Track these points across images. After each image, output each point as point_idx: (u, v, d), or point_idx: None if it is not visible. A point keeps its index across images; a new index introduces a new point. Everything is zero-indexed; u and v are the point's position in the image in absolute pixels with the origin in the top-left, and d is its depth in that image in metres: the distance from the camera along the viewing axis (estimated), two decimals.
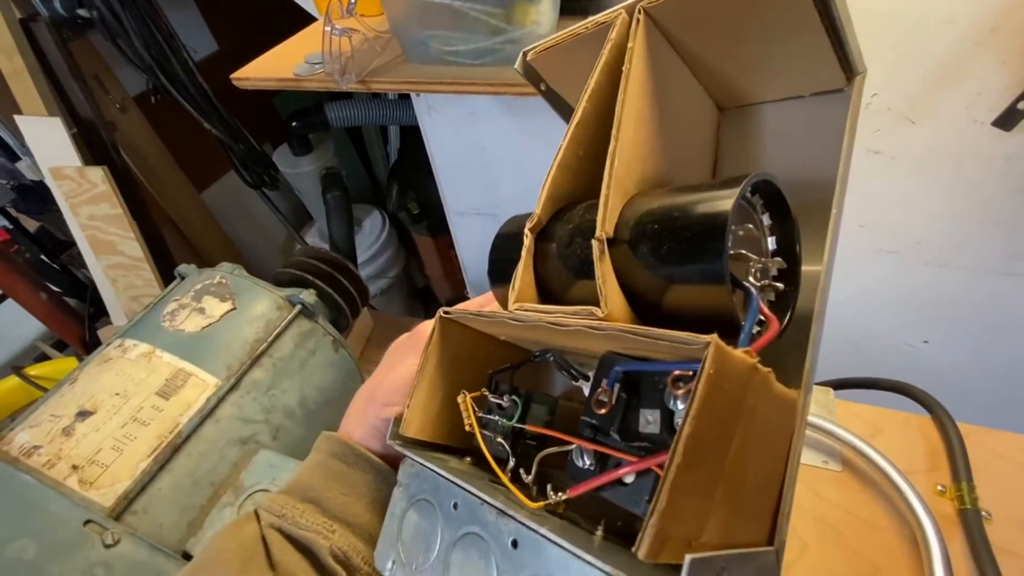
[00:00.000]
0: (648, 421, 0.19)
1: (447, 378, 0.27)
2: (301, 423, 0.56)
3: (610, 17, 0.23)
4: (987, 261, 0.78)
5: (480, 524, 0.22)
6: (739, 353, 0.16)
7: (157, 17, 0.98)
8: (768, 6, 0.20)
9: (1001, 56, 0.60)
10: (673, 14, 0.23)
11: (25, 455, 0.43)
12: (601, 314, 0.20)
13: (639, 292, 0.21)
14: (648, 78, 0.23)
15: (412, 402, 0.26)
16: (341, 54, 0.51)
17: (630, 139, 0.22)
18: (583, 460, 0.20)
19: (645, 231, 0.21)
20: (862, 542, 0.53)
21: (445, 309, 0.26)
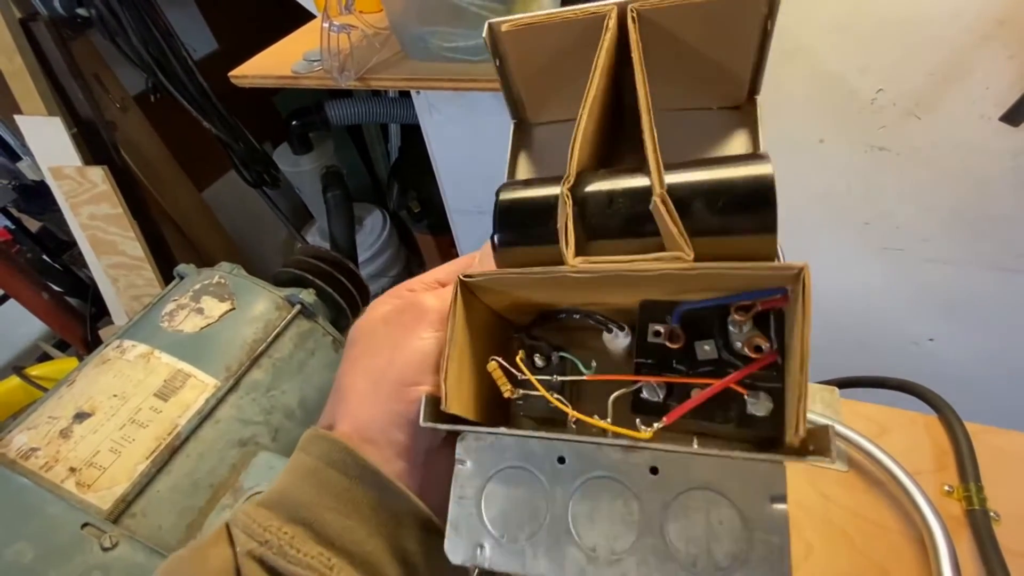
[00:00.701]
0: (705, 350, 0.23)
1: (471, 350, 0.26)
2: (301, 424, 0.55)
3: (602, 9, 0.25)
4: (994, 258, 0.77)
5: (603, 467, 0.22)
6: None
7: (156, 16, 0.97)
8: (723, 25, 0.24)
9: (1009, 50, 0.59)
10: (661, 17, 0.25)
11: (23, 457, 0.43)
12: (690, 256, 0.21)
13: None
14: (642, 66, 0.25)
15: (448, 375, 0.23)
16: (340, 51, 0.50)
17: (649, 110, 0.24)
18: (655, 394, 0.23)
19: (697, 190, 0.23)
20: (869, 543, 0.52)
21: (465, 274, 0.25)
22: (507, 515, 0.23)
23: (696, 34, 0.26)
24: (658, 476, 0.21)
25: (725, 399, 0.22)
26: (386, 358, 0.26)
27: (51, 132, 1.03)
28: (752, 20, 0.23)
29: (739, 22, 0.24)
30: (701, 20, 0.25)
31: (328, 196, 1.30)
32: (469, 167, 0.96)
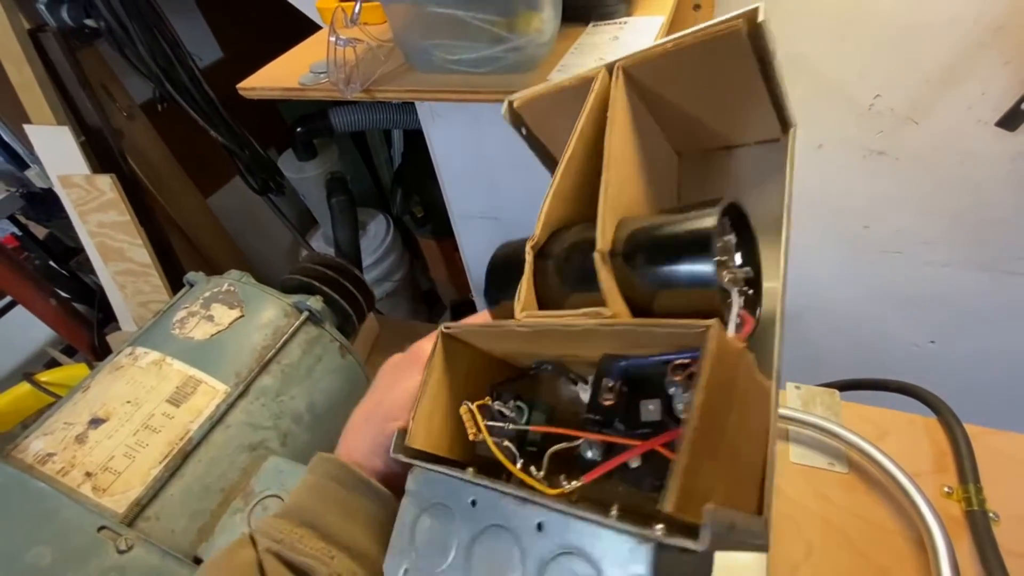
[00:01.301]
0: (649, 410, 0.22)
1: (449, 392, 0.29)
2: (309, 428, 0.56)
3: (592, 73, 0.27)
4: (993, 260, 0.77)
5: (502, 516, 0.23)
6: (731, 338, 0.19)
7: (163, 26, 0.99)
8: (720, 71, 0.24)
9: (1005, 56, 0.60)
10: (644, 73, 0.26)
11: (40, 462, 0.44)
12: (609, 313, 0.22)
13: (634, 299, 0.25)
14: (628, 123, 0.27)
15: (416, 414, 0.27)
16: (345, 63, 0.51)
17: (619, 169, 0.25)
18: (591, 452, 0.23)
19: (640, 244, 0.24)
20: (868, 544, 0.53)
21: (447, 325, 0.28)
22: (428, 545, 0.25)
23: (697, 79, 0.26)
24: (542, 533, 0.22)
25: (659, 466, 0.21)
26: (379, 397, 0.32)
27: (60, 141, 1.04)
28: (742, 60, 0.23)
29: (731, 63, 0.24)
30: (692, 66, 0.25)
31: (332, 202, 1.31)
32: (472, 173, 0.98)
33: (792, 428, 0.62)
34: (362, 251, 1.41)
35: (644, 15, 0.53)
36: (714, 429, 0.18)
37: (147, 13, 0.95)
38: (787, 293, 0.23)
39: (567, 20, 0.52)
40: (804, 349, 1.00)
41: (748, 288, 0.25)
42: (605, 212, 0.24)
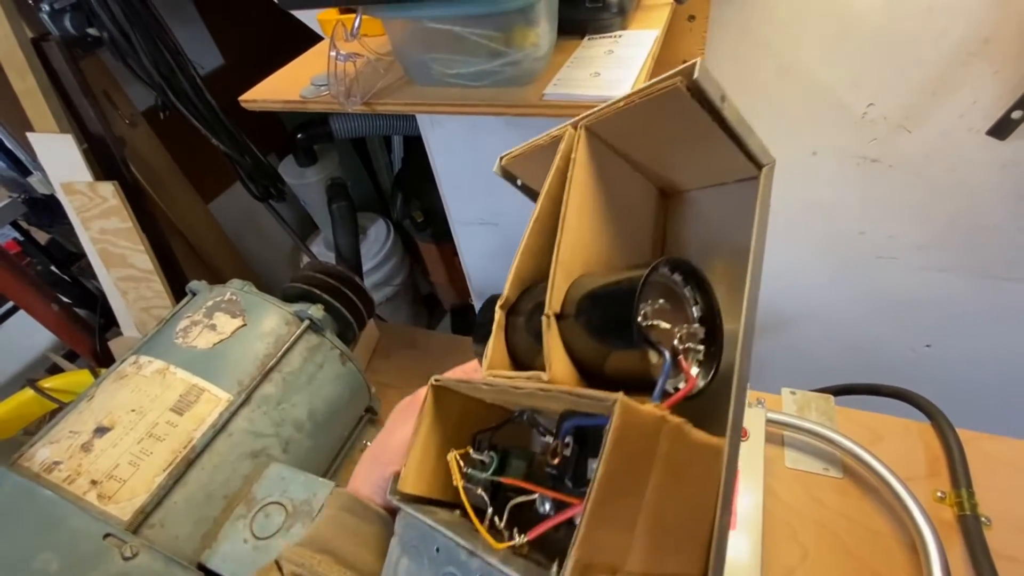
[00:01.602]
0: (593, 469, 0.22)
1: (441, 438, 0.31)
2: (310, 435, 0.57)
3: (561, 131, 0.29)
4: (986, 266, 0.78)
5: (455, 564, 0.25)
6: (648, 407, 0.20)
7: (164, 34, 0.99)
8: (676, 123, 0.25)
9: (994, 66, 0.61)
10: (607, 129, 0.28)
11: (46, 471, 0.45)
12: (546, 378, 0.23)
13: (584, 359, 0.26)
14: (589, 179, 0.28)
15: (408, 461, 0.30)
16: (346, 76, 0.52)
17: (573, 230, 0.27)
18: (544, 507, 0.24)
19: (583, 307, 0.25)
20: (862, 548, 0.54)
21: (436, 377, 0.30)
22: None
23: (657, 130, 0.27)
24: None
25: None
26: (384, 440, 0.37)
27: (62, 149, 1.05)
28: (693, 112, 0.23)
29: (683, 116, 0.24)
30: (649, 120, 0.26)
31: (333, 207, 1.32)
32: (471, 180, 0.98)
33: (787, 433, 0.63)
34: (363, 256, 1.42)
35: (639, 29, 0.53)
36: (624, 501, 0.19)
37: (149, 22, 0.96)
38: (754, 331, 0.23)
39: (563, 34, 0.53)
40: (799, 354, 1.01)
41: (701, 345, 0.25)
42: (556, 275, 0.25)
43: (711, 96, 0.22)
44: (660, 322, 0.24)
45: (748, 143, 0.24)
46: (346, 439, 0.66)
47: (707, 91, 0.22)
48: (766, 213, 0.24)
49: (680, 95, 0.22)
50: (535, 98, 0.47)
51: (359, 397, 0.66)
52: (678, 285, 0.26)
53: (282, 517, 0.48)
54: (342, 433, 0.65)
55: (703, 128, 0.23)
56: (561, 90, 0.47)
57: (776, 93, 0.71)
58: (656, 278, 0.25)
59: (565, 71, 0.49)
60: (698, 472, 0.21)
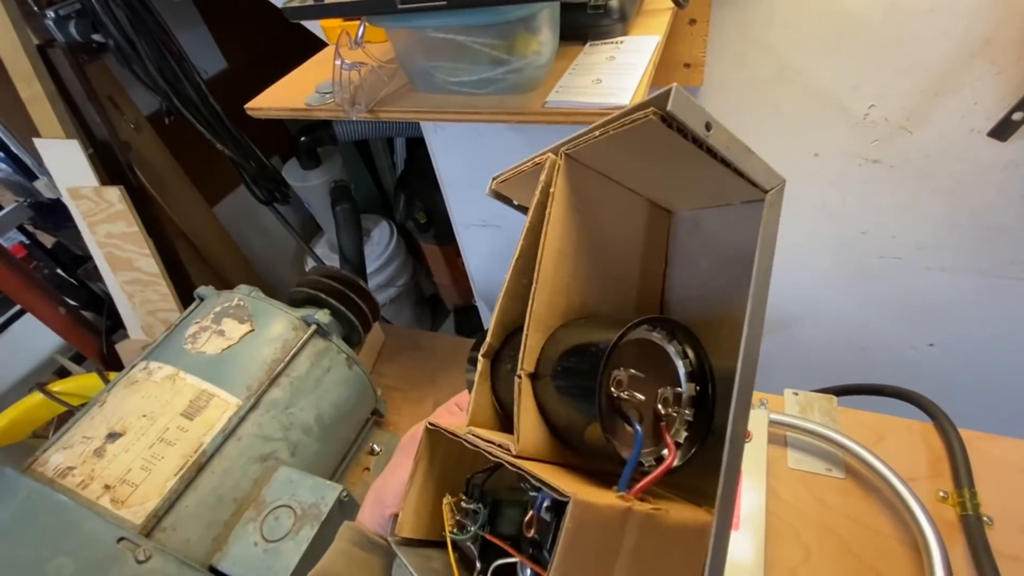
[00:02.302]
0: None
1: (438, 479, 0.31)
2: (318, 439, 0.58)
3: (543, 158, 0.26)
4: (989, 265, 0.78)
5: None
6: (610, 498, 0.19)
7: (168, 40, 1.00)
8: (660, 151, 0.22)
9: (996, 67, 0.61)
10: (589, 155, 0.25)
11: (60, 476, 0.46)
12: (514, 450, 0.23)
13: (560, 424, 0.25)
14: (571, 211, 0.26)
15: (405, 506, 0.30)
16: (350, 84, 0.53)
17: (549, 278, 0.25)
18: (525, 574, 0.24)
19: (558, 368, 0.24)
20: (865, 548, 0.54)
21: (430, 422, 0.29)
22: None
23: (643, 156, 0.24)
24: None
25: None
26: (386, 481, 0.38)
27: (69, 154, 1.06)
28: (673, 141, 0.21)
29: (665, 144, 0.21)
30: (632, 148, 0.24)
31: (337, 210, 1.33)
32: (474, 182, 0.99)
33: (790, 434, 0.63)
34: (366, 257, 1.43)
35: (640, 34, 0.54)
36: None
37: (153, 28, 0.97)
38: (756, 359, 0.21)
39: (565, 40, 0.53)
40: (801, 354, 1.01)
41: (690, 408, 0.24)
42: (529, 331, 0.24)
43: (692, 126, 0.19)
44: (634, 393, 0.22)
45: (745, 170, 0.21)
46: (353, 442, 0.67)
47: (686, 122, 0.19)
48: (771, 246, 0.21)
49: (655, 127, 0.20)
50: (537, 106, 0.47)
51: (365, 400, 0.66)
52: (661, 341, 0.24)
53: (291, 520, 0.48)
54: (349, 436, 0.65)
55: (692, 154, 0.21)
56: (563, 97, 0.47)
57: (778, 95, 0.72)
58: (633, 336, 0.22)
59: (567, 78, 0.50)
60: (678, 556, 0.20)
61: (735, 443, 0.19)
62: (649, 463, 0.22)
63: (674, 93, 0.19)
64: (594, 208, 0.27)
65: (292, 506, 0.49)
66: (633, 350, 0.22)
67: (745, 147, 0.21)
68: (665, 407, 0.23)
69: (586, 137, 0.24)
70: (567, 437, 0.25)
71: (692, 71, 0.70)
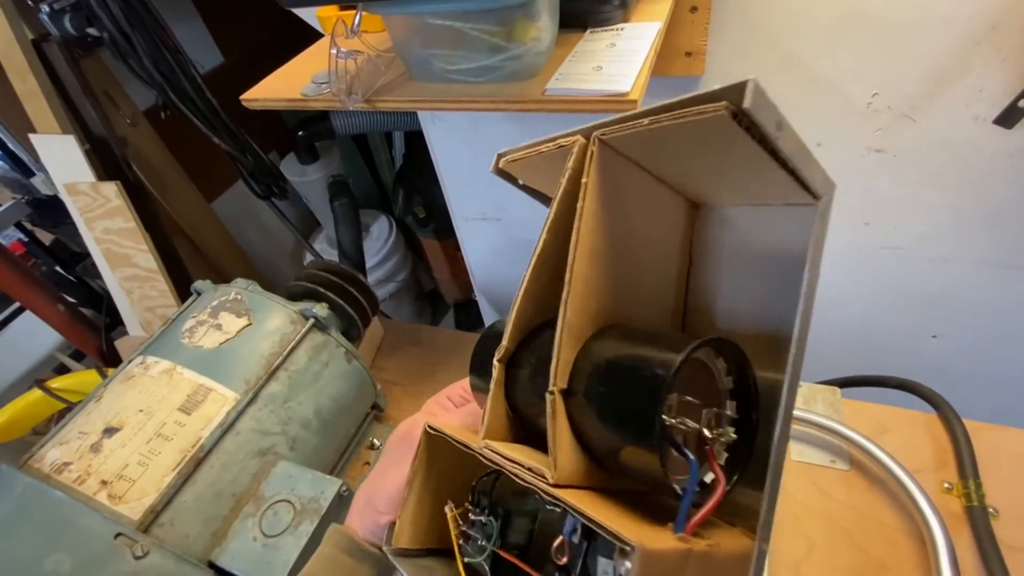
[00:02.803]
0: (604, 572, 0.20)
1: (437, 484, 0.29)
2: (317, 433, 0.57)
3: (569, 141, 0.24)
4: (993, 255, 0.78)
5: None
6: (671, 541, 0.18)
7: (164, 34, 0.99)
8: (715, 145, 0.21)
9: (1002, 54, 0.60)
10: (626, 143, 0.23)
11: (56, 472, 0.45)
12: (551, 479, 0.20)
13: (594, 445, 0.22)
14: (602, 206, 0.23)
15: (403, 514, 0.28)
16: (347, 74, 0.52)
17: (583, 280, 0.22)
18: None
19: (595, 385, 0.22)
20: (869, 540, 0.54)
21: (430, 425, 0.27)
22: None
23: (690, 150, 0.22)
24: None
25: None
26: (378, 485, 0.35)
27: (65, 150, 1.05)
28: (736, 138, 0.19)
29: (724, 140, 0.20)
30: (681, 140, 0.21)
31: (335, 205, 1.32)
32: (473, 175, 0.98)
33: (794, 426, 0.62)
34: (365, 253, 1.42)
35: (641, 21, 0.53)
36: None
37: (148, 22, 0.96)
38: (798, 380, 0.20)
39: (564, 27, 0.52)
40: None
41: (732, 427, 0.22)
42: (562, 342, 0.21)
43: (764, 126, 0.18)
44: (687, 421, 0.20)
45: (804, 174, 0.19)
46: (352, 436, 0.67)
47: (760, 120, 0.18)
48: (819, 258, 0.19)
49: (725, 123, 0.18)
50: (537, 93, 0.47)
51: (364, 394, 0.66)
52: (708, 359, 0.22)
53: (290, 515, 0.48)
54: (348, 430, 0.65)
55: (749, 154, 0.19)
56: (563, 85, 0.47)
57: (780, 84, 0.71)
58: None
59: (567, 65, 0.49)
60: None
61: (776, 470, 0.18)
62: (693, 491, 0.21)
63: (752, 87, 0.17)
64: (622, 200, 0.24)
65: (291, 501, 0.49)
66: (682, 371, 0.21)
67: (808, 151, 0.19)
68: (710, 429, 0.21)
69: (630, 124, 0.21)
70: (602, 459, 0.23)
71: (693, 59, 0.69)
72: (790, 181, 0.20)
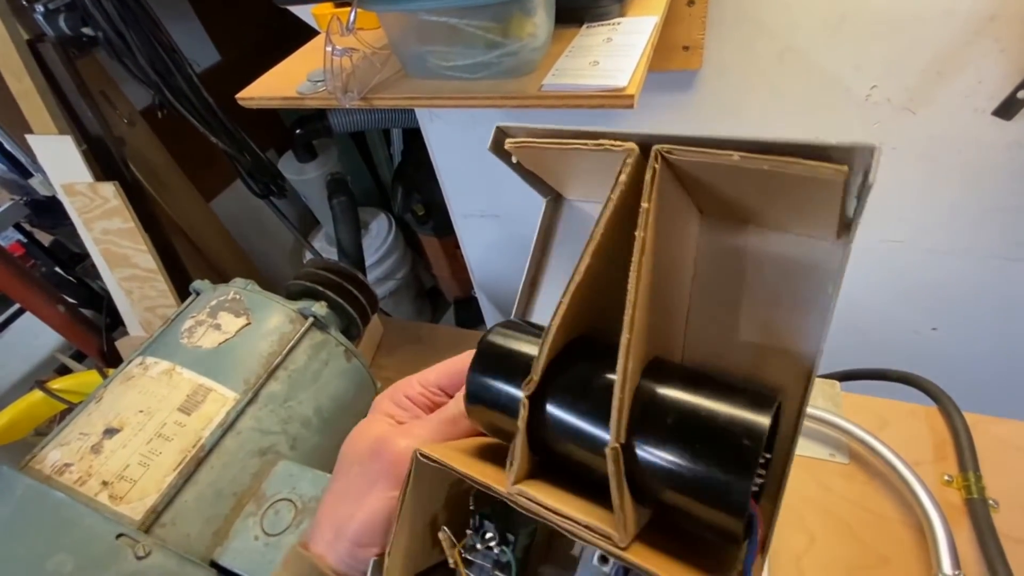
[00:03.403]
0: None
1: (428, 508, 0.26)
2: (317, 432, 0.57)
3: (619, 147, 0.21)
4: (994, 247, 0.78)
5: None
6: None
7: (160, 33, 0.99)
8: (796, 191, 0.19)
9: (1000, 44, 0.60)
10: (700, 169, 0.20)
11: (57, 473, 0.45)
12: (621, 543, 0.19)
13: (648, 499, 0.21)
14: (657, 235, 0.20)
15: (393, 550, 0.25)
16: (342, 72, 0.52)
17: (642, 325, 0.20)
18: None
19: (658, 444, 0.20)
20: (870, 533, 0.54)
21: (422, 453, 0.23)
22: None
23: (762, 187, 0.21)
24: None
25: None
26: (349, 510, 0.29)
27: (62, 150, 1.05)
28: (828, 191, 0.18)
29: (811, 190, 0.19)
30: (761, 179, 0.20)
31: (334, 203, 1.32)
32: (471, 172, 0.98)
33: None
34: (365, 251, 1.42)
35: (638, 15, 0.53)
36: None
37: (144, 21, 0.96)
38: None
39: (561, 22, 0.52)
40: None
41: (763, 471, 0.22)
42: (625, 393, 0.19)
43: (864, 191, 0.18)
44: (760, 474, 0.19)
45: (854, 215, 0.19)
46: None
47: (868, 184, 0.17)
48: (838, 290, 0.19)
49: (835, 185, 0.17)
50: (534, 89, 0.46)
51: (365, 393, 0.66)
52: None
53: (292, 514, 0.48)
54: (348, 429, 0.65)
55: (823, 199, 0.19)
56: (560, 80, 0.46)
57: (778, 78, 0.70)
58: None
59: (564, 61, 0.49)
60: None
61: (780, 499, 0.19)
62: None
63: (878, 156, 0.16)
64: (668, 228, 0.22)
65: (292, 499, 0.49)
66: None
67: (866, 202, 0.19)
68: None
69: (712, 152, 0.19)
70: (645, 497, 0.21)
71: (691, 53, 0.69)
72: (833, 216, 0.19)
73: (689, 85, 0.74)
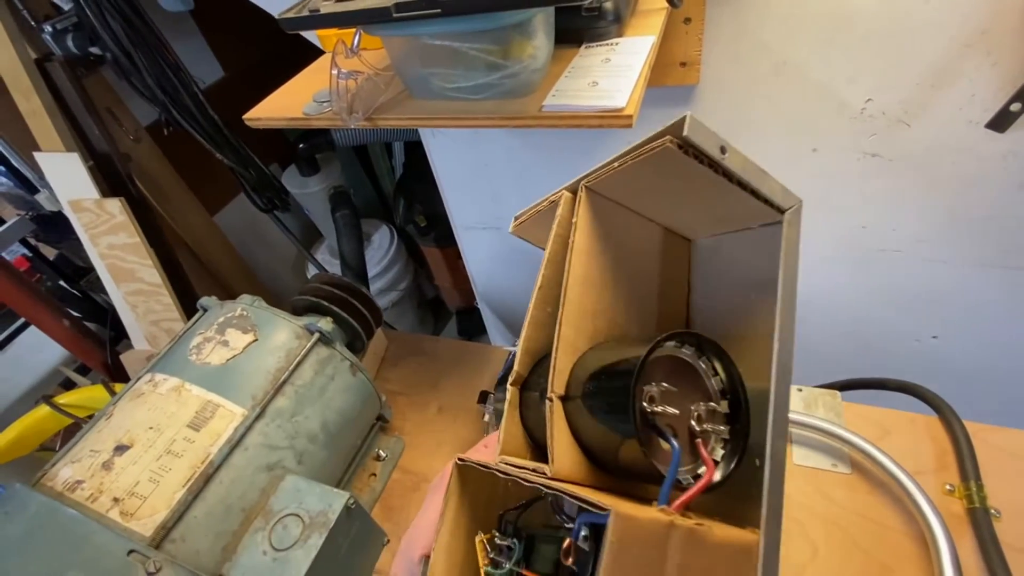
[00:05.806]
0: None
1: (470, 516, 0.30)
2: (324, 446, 0.58)
3: (558, 195, 0.28)
4: (990, 256, 0.78)
5: None
6: (652, 512, 0.18)
7: (165, 51, 1.01)
8: (678, 178, 0.23)
9: (992, 58, 0.61)
10: (608, 187, 0.26)
11: (69, 490, 0.46)
12: (549, 472, 0.22)
13: (594, 446, 0.24)
14: (593, 241, 0.26)
15: (436, 546, 0.29)
16: (348, 92, 0.53)
17: (575, 303, 0.25)
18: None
19: (588, 389, 0.24)
20: (872, 543, 0.54)
21: (460, 457, 0.28)
22: None
23: (662, 185, 0.25)
24: None
25: None
26: (417, 520, 0.38)
27: (69, 167, 1.07)
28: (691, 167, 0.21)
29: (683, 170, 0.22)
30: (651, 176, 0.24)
31: (337, 216, 1.33)
32: (473, 185, 0.99)
33: (795, 430, 0.63)
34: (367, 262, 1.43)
35: (635, 35, 0.54)
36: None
37: (150, 40, 0.97)
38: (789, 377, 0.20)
39: (560, 43, 0.53)
40: (805, 350, 1.01)
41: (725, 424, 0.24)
42: (558, 353, 0.24)
43: (708, 151, 0.20)
44: (666, 407, 0.22)
45: (762, 190, 0.22)
46: (358, 448, 0.67)
47: (702, 146, 0.20)
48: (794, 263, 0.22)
49: (672, 154, 0.21)
50: (534, 110, 0.47)
51: (370, 406, 0.66)
52: (691, 358, 0.24)
53: (299, 528, 0.49)
54: (355, 443, 0.66)
55: (709, 180, 0.22)
56: (560, 101, 0.47)
57: (775, 91, 0.72)
58: (662, 353, 0.23)
59: (563, 81, 0.50)
60: (723, 571, 0.20)
61: (776, 462, 0.19)
62: (687, 481, 0.22)
63: (688, 120, 0.20)
64: (617, 237, 0.27)
65: (300, 514, 0.49)
66: (664, 367, 0.23)
67: (760, 169, 0.22)
68: (699, 424, 0.23)
69: (605, 169, 0.25)
70: (602, 458, 0.25)
71: (688, 70, 0.70)
72: (753, 200, 0.22)
73: (687, 100, 0.75)
